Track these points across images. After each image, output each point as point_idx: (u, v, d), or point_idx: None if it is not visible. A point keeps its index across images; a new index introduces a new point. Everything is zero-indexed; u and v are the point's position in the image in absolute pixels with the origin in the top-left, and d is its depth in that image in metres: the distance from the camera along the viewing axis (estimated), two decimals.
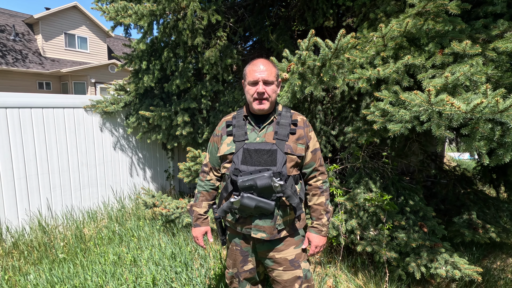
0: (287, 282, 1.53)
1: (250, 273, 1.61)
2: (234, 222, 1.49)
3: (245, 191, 1.35)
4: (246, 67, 1.46)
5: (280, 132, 1.43)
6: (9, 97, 3.22)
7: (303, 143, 1.46)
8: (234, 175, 1.40)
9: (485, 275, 2.50)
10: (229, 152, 1.45)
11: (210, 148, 1.62)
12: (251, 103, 1.43)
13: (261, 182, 1.31)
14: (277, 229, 1.45)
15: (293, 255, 1.53)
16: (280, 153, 1.38)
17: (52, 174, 3.59)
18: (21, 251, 3.04)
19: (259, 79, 1.38)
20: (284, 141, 1.41)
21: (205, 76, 3.78)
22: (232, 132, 1.48)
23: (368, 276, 2.48)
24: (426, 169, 3.45)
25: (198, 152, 3.03)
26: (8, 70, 13.02)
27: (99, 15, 3.23)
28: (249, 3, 3.77)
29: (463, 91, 1.67)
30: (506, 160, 1.54)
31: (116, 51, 18.66)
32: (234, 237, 1.59)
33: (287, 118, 1.47)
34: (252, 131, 1.46)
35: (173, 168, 4.87)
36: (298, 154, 1.43)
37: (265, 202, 1.34)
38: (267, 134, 1.44)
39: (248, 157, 1.39)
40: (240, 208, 1.39)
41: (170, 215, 3.23)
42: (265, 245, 1.51)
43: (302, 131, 1.47)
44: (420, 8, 1.94)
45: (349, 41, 2.02)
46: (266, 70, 1.39)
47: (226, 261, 1.69)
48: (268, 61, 1.44)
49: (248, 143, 1.42)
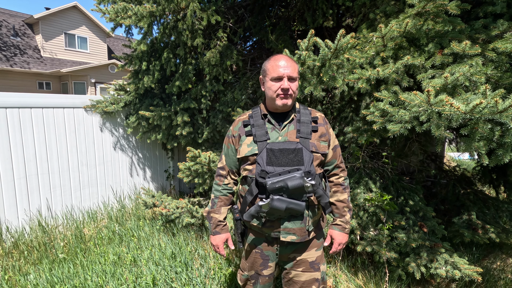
0: (305, 283, 1.49)
1: (268, 278, 1.55)
2: (261, 227, 1.42)
3: (274, 193, 1.29)
4: (267, 62, 1.40)
5: (303, 130, 1.38)
6: (9, 97, 3.22)
7: (326, 140, 1.43)
8: (261, 177, 1.33)
9: (485, 275, 2.50)
10: (251, 153, 1.38)
11: (225, 150, 1.54)
12: (274, 99, 1.37)
13: (292, 183, 1.26)
14: (308, 230, 1.41)
15: (314, 257, 1.49)
16: (306, 152, 1.34)
17: (52, 174, 3.59)
18: (21, 251, 3.05)
19: (284, 75, 1.33)
20: (308, 139, 1.37)
21: (205, 77, 3.78)
22: (251, 132, 1.41)
23: (368, 276, 2.48)
24: (426, 169, 3.45)
25: (198, 152, 3.03)
26: (8, 70, 13.02)
27: (99, 16, 3.23)
28: (249, 3, 3.77)
29: (462, 91, 1.67)
30: (506, 161, 1.54)
31: (116, 51, 18.66)
32: (255, 240, 1.51)
33: (307, 115, 1.43)
34: (272, 130, 1.40)
35: (173, 168, 4.88)
36: (322, 151, 1.40)
37: (296, 203, 1.29)
38: (289, 132, 1.39)
39: (273, 157, 1.33)
40: (269, 212, 1.32)
41: (170, 215, 3.23)
42: (289, 247, 1.47)
43: (323, 128, 1.44)
44: (420, 8, 1.94)
45: (349, 41, 2.02)
46: (290, 66, 1.34)
47: (241, 263, 1.64)
48: (290, 57, 1.39)
49: (271, 142, 1.36)
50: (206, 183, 3.17)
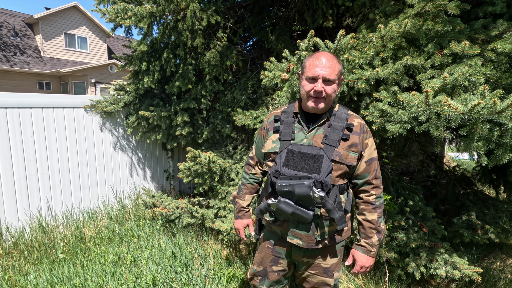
0: (317, 284, 1.49)
1: (278, 274, 1.53)
2: (272, 223, 1.43)
3: (282, 196, 1.27)
4: (307, 58, 1.32)
5: (331, 136, 1.29)
6: (9, 97, 3.22)
7: (357, 151, 1.31)
8: (274, 177, 1.32)
9: (485, 275, 2.51)
10: (273, 150, 1.37)
11: (256, 141, 1.56)
12: (305, 99, 1.31)
13: (299, 190, 1.22)
14: (316, 240, 1.36)
15: (329, 264, 1.45)
16: (326, 160, 1.25)
17: (52, 174, 3.60)
18: (21, 251, 3.05)
19: (320, 76, 1.24)
20: (333, 147, 1.27)
21: (205, 77, 3.79)
22: (279, 129, 1.38)
23: (368, 276, 2.48)
24: (426, 169, 3.45)
25: (198, 152, 3.04)
26: (8, 70, 13.03)
27: (99, 17, 3.23)
28: (249, 3, 3.78)
29: (461, 91, 1.67)
30: (505, 161, 1.54)
31: (116, 51, 18.67)
32: (270, 236, 1.52)
33: (341, 121, 1.32)
34: (300, 130, 1.35)
35: (173, 168, 4.88)
36: (348, 163, 1.29)
37: (302, 210, 1.25)
38: (316, 136, 1.31)
39: (291, 159, 1.29)
40: (277, 212, 1.32)
41: (170, 215, 3.23)
42: (302, 250, 1.44)
43: (357, 137, 1.31)
44: (420, 8, 1.94)
45: (349, 42, 2.02)
46: (329, 66, 1.24)
47: (255, 256, 1.65)
48: (333, 56, 1.29)
49: (294, 144, 1.31)
50: (206, 183, 3.17)
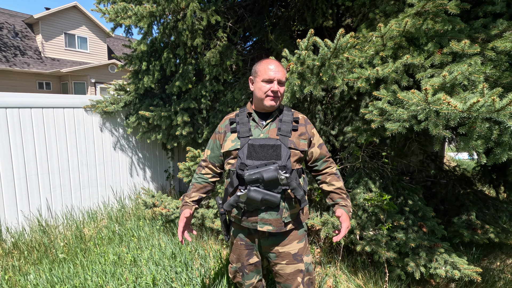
0: (290, 275, 1.57)
1: (255, 266, 1.65)
2: (240, 217, 1.53)
3: (251, 184, 1.40)
4: (258, 64, 1.53)
5: (283, 128, 1.50)
6: (9, 97, 3.22)
7: (306, 139, 1.54)
8: (240, 170, 1.45)
9: (484, 275, 2.50)
10: (234, 148, 1.50)
11: (211, 145, 1.68)
12: (262, 99, 1.50)
13: (267, 175, 1.36)
14: (284, 222, 1.49)
15: (296, 249, 1.57)
16: (284, 148, 1.45)
17: (52, 174, 3.60)
18: (21, 251, 3.05)
19: (275, 78, 1.47)
20: (287, 137, 1.48)
21: (205, 77, 3.79)
22: (236, 129, 1.54)
23: (368, 276, 2.48)
24: (426, 169, 3.45)
25: (198, 152, 3.04)
26: (8, 70, 13.03)
27: (99, 16, 3.24)
28: (249, 3, 3.78)
29: (461, 90, 1.67)
30: (504, 159, 1.54)
31: (116, 51, 18.67)
32: (239, 232, 1.62)
33: (288, 116, 1.55)
34: (256, 127, 1.53)
35: (173, 168, 4.88)
36: (301, 149, 1.50)
37: (271, 194, 1.39)
38: (270, 130, 1.51)
39: (253, 152, 1.45)
40: (246, 202, 1.43)
41: (170, 215, 3.23)
42: (269, 239, 1.56)
43: (304, 127, 1.56)
44: (419, 7, 1.94)
45: (348, 41, 2.02)
46: (280, 70, 1.49)
47: (229, 256, 1.73)
48: (279, 63, 1.54)
49: (253, 138, 1.49)
50: None
